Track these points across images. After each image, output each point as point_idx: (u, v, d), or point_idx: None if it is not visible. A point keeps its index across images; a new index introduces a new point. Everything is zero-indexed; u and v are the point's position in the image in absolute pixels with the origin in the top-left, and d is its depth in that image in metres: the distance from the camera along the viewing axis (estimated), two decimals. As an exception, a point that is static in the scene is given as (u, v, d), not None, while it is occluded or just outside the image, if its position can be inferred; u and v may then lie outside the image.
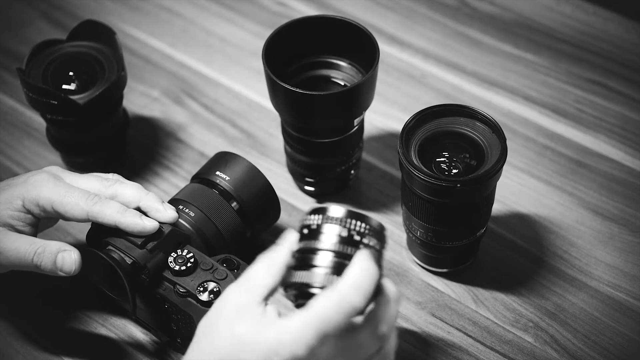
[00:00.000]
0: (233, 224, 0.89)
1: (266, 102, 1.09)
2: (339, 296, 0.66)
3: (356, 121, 0.94)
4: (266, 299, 0.69)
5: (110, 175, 0.87)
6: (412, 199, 0.87)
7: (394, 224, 0.99)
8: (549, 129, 1.07)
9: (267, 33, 0.96)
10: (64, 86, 0.98)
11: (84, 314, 0.92)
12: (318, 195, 1.01)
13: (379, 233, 0.70)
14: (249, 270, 0.70)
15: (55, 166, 0.87)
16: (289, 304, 0.72)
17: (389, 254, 0.96)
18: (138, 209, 0.84)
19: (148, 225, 0.81)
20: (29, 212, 0.83)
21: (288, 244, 0.70)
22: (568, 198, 1.00)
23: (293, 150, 0.97)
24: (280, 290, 0.71)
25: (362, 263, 0.68)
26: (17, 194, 0.83)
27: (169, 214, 0.84)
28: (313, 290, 0.69)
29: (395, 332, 0.72)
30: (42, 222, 0.87)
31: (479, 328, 0.91)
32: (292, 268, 0.70)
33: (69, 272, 0.82)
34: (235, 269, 0.83)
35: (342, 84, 0.96)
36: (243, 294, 0.68)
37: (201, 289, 0.80)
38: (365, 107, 0.92)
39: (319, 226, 0.70)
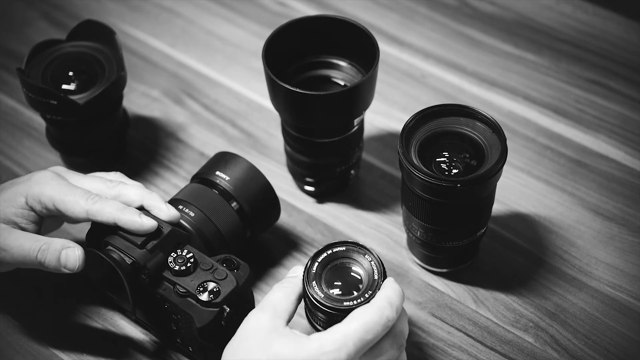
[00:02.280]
0: (233, 224, 0.89)
1: (266, 102, 1.09)
2: (377, 310, 0.75)
3: (356, 121, 0.94)
4: (287, 322, 0.76)
5: (112, 175, 0.87)
6: (412, 199, 0.87)
7: (394, 224, 0.99)
8: (549, 129, 1.07)
9: (267, 33, 0.96)
10: (64, 86, 0.98)
11: (84, 314, 0.92)
12: (318, 196, 1.01)
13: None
14: (271, 297, 0.77)
15: (60, 166, 0.88)
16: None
17: (389, 254, 0.96)
18: (141, 208, 0.84)
19: (146, 223, 0.82)
20: (32, 209, 0.84)
21: (299, 275, 0.80)
22: (568, 198, 1.00)
23: (293, 150, 0.97)
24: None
25: (392, 284, 0.77)
26: (21, 191, 0.84)
27: (171, 213, 0.84)
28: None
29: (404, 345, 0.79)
30: (47, 224, 0.87)
31: (479, 328, 0.91)
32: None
33: (73, 269, 0.82)
34: (235, 269, 0.83)
35: (342, 84, 0.96)
36: (268, 319, 0.76)
37: (201, 289, 0.80)
38: (365, 107, 0.92)
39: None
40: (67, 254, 0.82)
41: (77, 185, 0.85)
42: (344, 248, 0.82)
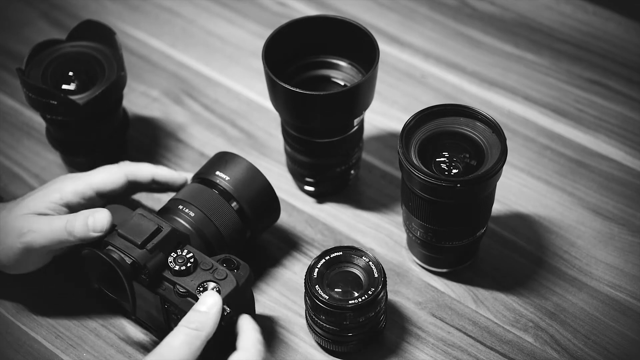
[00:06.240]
0: (233, 224, 0.89)
1: (266, 102, 1.09)
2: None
3: (356, 121, 0.94)
4: None
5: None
6: (412, 199, 0.87)
7: (394, 224, 0.99)
8: (549, 129, 1.07)
9: (267, 33, 0.96)
10: (64, 86, 0.98)
11: (84, 313, 0.91)
12: (318, 195, 1.01)
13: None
14: (170, 343, 0.77)
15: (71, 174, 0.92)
16: None
17: (389, 254, 0.96)
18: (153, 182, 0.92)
19: (182, 174, 0.93)
20: (66, 205, 0.87)
21: (210, 311, 0.79)
22: (568, 198, 1.00)
23: (293, 150, 0.97)
24: None
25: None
26: (55, 188, 0.88)
27: (182, 176, 0.93)
28: None
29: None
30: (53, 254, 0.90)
31: (479, 328, 0.91)
32: None
33: (102, 230, 0.84)
34: (235, 269, 0.83)
35: (342, 84, 0.96)
36: None
37: (201, 289, 0.80)
38: (365, 107, 0.92)
39: None
40: (95, 217, 0.84)
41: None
42: (340, 253, 0.87)
